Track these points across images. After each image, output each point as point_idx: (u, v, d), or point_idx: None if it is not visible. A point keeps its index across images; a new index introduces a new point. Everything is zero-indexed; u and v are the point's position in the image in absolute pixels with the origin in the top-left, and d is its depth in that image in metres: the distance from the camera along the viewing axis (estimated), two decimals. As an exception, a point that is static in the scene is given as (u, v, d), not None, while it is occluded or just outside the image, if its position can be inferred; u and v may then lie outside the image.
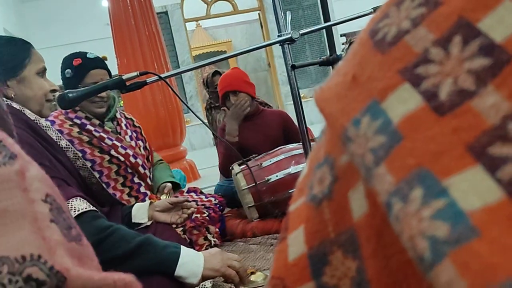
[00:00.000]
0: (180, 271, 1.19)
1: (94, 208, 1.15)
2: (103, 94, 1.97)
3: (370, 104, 0.28)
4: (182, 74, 8.66)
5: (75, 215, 1.11)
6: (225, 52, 10.51)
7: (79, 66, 1.93)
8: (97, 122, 2.00)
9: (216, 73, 3.47)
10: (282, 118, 2.75)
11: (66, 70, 1.93)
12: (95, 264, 0.41)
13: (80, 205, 1.13)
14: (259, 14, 9.55)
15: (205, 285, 1.68)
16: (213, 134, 1.80)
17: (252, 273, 1.74)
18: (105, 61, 2.06)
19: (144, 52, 4.29)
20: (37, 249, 0.34)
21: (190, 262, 1.22)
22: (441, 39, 0.26)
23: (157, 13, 4.63)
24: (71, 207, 1.11)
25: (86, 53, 1.99)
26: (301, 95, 1.69)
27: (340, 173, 0.32)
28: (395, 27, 0.29)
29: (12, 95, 1.28)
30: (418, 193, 0.23)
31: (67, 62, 1.96)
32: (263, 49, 9.94)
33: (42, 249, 0.34)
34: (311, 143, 1.70)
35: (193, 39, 10.43)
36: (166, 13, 8.75)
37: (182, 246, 1.24)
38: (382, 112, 0.27)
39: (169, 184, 2.14)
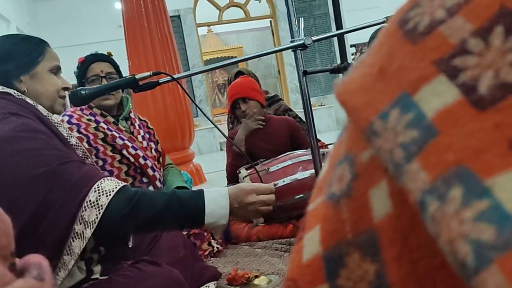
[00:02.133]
0: (208, 219, 1.18)
1: (120, 185, 1.15)
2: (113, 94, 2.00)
3: (400, 96, 0.26)
4: (192, 79, 8.69)
5: (110, 199, 1.10)
6: (235, 58, 10.54)
7: (82, 63, 2.01)
8: (112, 120, 2.01)
9: (240, 73, 3.42)
10: (289, 125, 2.75)
11: (74, 71, 2.03)
12: None
13: (109, 185, 1.13)
14: (270, 21, 9.58)
15: (208, 286, 1.68)
16: (226, 137, 1.80)
17: (256, 276, 1.73)
18: (111, 57, 2.10)
19: (156, 55, 4.31)
20: None
21: (216, 207, 1.19)
22: (481, 30, 0.24)
23: (170, 17, 4.66)
24: (101, 191, 1.11)
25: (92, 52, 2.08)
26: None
27: (360, 170, 0.30)
28: (428, 17, 0.27)
29: (25, 90, 1.29)
30: (457, 192, 0.21)
31: (78, 63, 2.04)
32: (274, 56, 9.97)
33: None
34: (320, 150, 1.69)
35: (204, 44, 10.47)
36: (178, 17, 8.79)
37: (205, 192, 1.21)
38: (414, 105, 0.25)
39: None
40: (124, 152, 1.97)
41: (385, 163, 0.27)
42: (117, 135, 1.98)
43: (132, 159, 1.98)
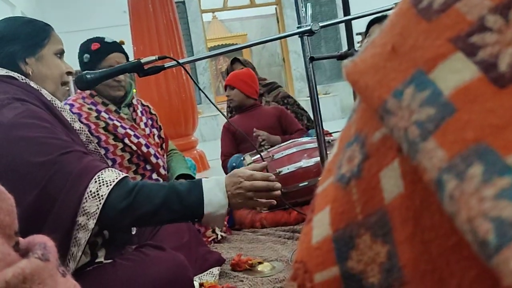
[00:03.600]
0: (208, 209, 1.17)
1: (120, 176, 1.14)
2: (121, 77, 1.95)
3: (415, 74, 0.26)
4: (197, 66, 8.66)
5: (110, 189, 1.10)
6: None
7: (97, 50, 1.93)
8: (114, 108, 1.99)
9: (236, 60, 3.44)
10: (277, 110, 3.01)
11: (84, 55, 1.93)
12: None
13: (109, 176, 1.13)
14: (276, 8, 9.50)
15: (212, 271, 1.69)
16: (230, 123, 1.80)
17: (260, 263, 1.74)
18: (123, 46, 2.05)
19: (161, 40, 4.29)
20: None
21: (214, 198, 1.18)
22: (500, 6, 0.24)
23: (175, 2, 4.62)
24: (102, 182, 1.11)
25: (104, 38, 1.99)
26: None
27: (371, 150, 0.30)
28: None
29: (30, 72, 1.29)
30: (477, 170, 0.21)
31: (85, 47, 1.95)
32: (278, 44, 9.91)
33: None
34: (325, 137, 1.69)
35: (208, 31, 10.42)
36: (183, 2, 8.73)
37: (203, 183, 1.19)
38: (430, 82, 0.25)
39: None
40: (126, 140, 1.96)
41: (399, 142, 0.26)
42: (118, 124, 1.96)
43: (134, 148, 1.97)
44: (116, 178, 1.13)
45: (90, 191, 1.09)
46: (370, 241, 0.29)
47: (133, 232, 1.37)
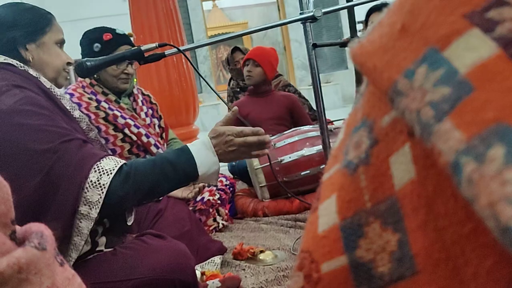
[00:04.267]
0: (201, 170, 1.21)
1: (119, 163, 1.14)
2: (130, 70, 1.95)
3: (427, 52, 0.24)
4: (197, 55, 8.63)
5: (111, 178, 1.10)
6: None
7: (109, 41, 1.91)
8: (114, 98, 1.97)
9: (236, 49, 3.42)
10: (290, 100, 2.85)
11: (95, 44, 1.90)
12: None
13: (108, 164, 1.12)
14: (277, -4, 9.45)
15: (214, 260, 1.68)
16: (229, 109, 1.78)
17: (262, 252, 1.74)
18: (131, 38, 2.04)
19: (161, 29, 4.25)
20: None
21: (205, 157, 1.22)
22: None
23: (175, -10, 4.59)
24: (101, 171, 1.10)
25: (115, 29, 1.97)
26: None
27: (380, 135, 0.28)
28: None
29: (30, 59, 1.27)
30: (498, 151, 0.20)
31: (95, 36, 1.93)
32: (279, 32, 9.85)
33: None
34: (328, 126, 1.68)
35: (209, 19, 10.36)
36: (183, -9, 8.68)
37: (189, 146, 1.23)
38: (444, 60, 0.23)
39: None
40: (126, 131, 1.95)
41: (411, 125, 0.25)
42: (118, 114, 1.95)
43: (134, 138, 1.96)
44: (116, 166, 1.13)
45: (91, 181, 1.09)
46: (379, 229, 0.28)
47: (129, 223, 1.37)
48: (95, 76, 1.96)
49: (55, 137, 1.10)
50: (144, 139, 1.99)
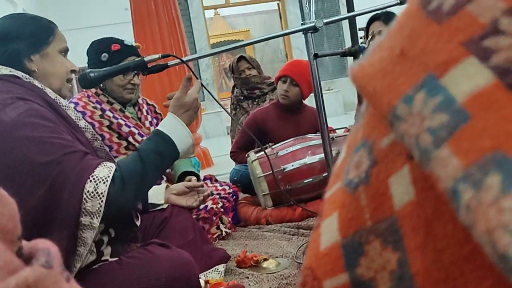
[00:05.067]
0: (181, 146, 1.30)
1: (112, 169, 1.16)
2: (136, 81, 1.96)
3: (425, 79, 0.25)
4: (199, 63, 8.66)
5: (108, 186, 1.12)
6: (242, 41, 10.46)
7: (117, 51, 1.92)
8: (119, 107, 1.99)
9: (242, 58, 3.42)
10: (317, 117, 2.71)
11: (103, 54, 1.92)
12: (0, 264, 0.35)
13: (102, 172, 1.14)
14: (278, 4, 9.48)
15: (218, 268, 1.69)
16: (235, 121, 1.81)
17: (265, 259, 1.74)
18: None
19: (163, 38, 4.28)
20: None
21: (180, 133, 1.32)
22: None
23: (177, -1, 4.62)
24: (97, 179, 1.12)
25: (123, 40, 1.99)
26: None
27: (380, 156, 0.29)
28: None
29: (36, 69, 1.29)
30: (495, 179, 0.20)
31: (103, 46, 1.94)
32: (281, 40, 9.89)
33: None
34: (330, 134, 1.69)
35: (211, 27, 10.41)
36: (185, -1, 8.73)
37: (161, 128, 1.32)
38: (442, 88, 0.24)
39: (194, 178, 2.13)
40: (130, 139, 1.97)
41: (410, 149, 0.26)
42: (122, 122, 1.96)
43: (138, 146, 1.98)
44: (110, 173, 1.15)
45: (88, 191, 1.10)
46: (380, 248, 0.28)
47: (138, 223, 1.38)
48: (101, 85, 1.97)
49: (58, 148, 1.11)
50: (148, 148, 2.00)
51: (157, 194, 1.73)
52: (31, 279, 0.35)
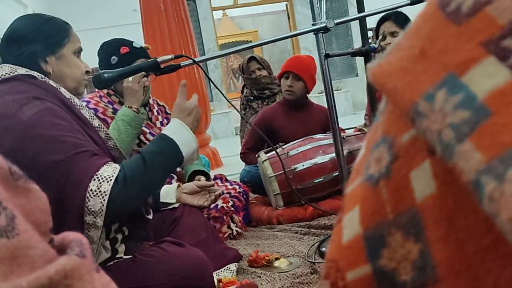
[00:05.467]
0: (184, 150, 1.31)
1: (117, 169, 1.17)
2: (147, 83, 1.98)
3: (446, 77, 0.26)
4: (208, 63, 8.68)
5: (111, 185, 1.13)
6: (250, 42, 10.47)
7: (126, 54, 1.95)
8: None
9: (252, 58, 3.43)
10: (326, 115, 2.66)
11: (112, 57, 1.95)
12: (38, 252, 0.36)
13: (106, 171, 1.15)
14: (286, 5, 9.48)
15: (230, 267, 1.70)
16: (246, 121, 1.82)
17: (277, 259, 1.75)
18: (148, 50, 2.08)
19: (173, 39, 4.30)
20: None
21: (184, 137, 1.33)
22: None
23: (186, 0, 4.64)
24: (101, 179, 1.13)
25: (132, 42, 2.00)
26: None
27: (400, 152, 0.30)
28: None
29: (51, 71, 1.31)
30: None
31: (112, 48, 1.97)
32: (289, 40, 9.88)
33: None
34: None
35: (219, 28, 10.43)
36: (194, 0, 8.75)
37: (165, 133, 1.32)
38: (463, 86, 0.25)
39: (203, 177, 2.15)
40: (141, 137, 1.99)
41: (432, 144, 0.27)
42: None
43: (141, 149, 2.00)
44: (114, 173, 1.16)
45: (91, 190, 1.11)
46: (401, 240, 0.29)
47: (150, 217, 1.40)
48: (112, 87, 1.99)
49: (70, 147, 1.13)
50: (159, 146, 2.02)
51: (168, 193, 1.75)
52: (68, 267, 0.36)
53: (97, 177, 1.13)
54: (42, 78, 1.26)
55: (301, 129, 2.62)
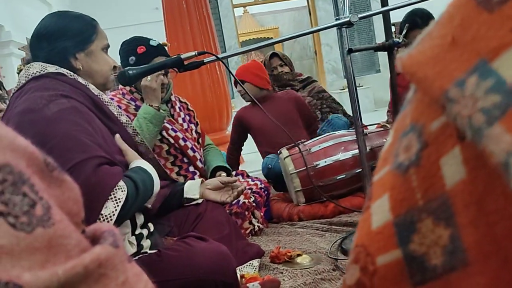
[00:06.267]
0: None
1: (125, 186, 1.18)
2: (165, 80, 2.00)
3: (478, 64, 0.27)
4: (229, 60, 8.70)
5: (121, 206, 1.15)
6: (271, 39, 10.45)
7: (143, 54, 1.98)
8: None
9: (274, 55, 3.44)
10: (294, 98, 2.94)
11: (130, 57, 1.98)
12: (73, 242, 0.36)
13: (119, 195, 1.16)
14: (307, 1, 9.44)
15: (252, 263, 1.71)
16: (269, 117, 1.83)
17: (299, 255, 1.76)
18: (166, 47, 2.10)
19: (195, 36, 4.32)
20: None
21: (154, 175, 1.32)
22: None
23: (207, -2, 4.66)
24: (117, 199, 1.15)
25: (149, 40, 2.03)
26: (346, 85, 1.67)
27: (430, 139, 0.31)
28: None
29: (81, 67, 1.33)
30: None
31: (130, 48, 2.00)
32: (310, 36, 9.84)
33: None
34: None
35: (240, 25, 10.45)
36: (215, -2, 8.79)
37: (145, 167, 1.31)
38: (493, 71, 0.26)
39: (225, 173, 2.16)
40: (164, 133, 2.01)
41: (462, 129, 0.27)
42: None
43: (172, 140, 2.02)
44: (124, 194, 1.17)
45: (103, 214, 1.13)
46: (432, 225, 0.30)
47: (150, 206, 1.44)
48: (133, 85, 2.02)
49: (90, 150, 1.15)
50: (181, 142, 2.05)
51: (192, 189, 1.76)
52: (102, 256, 0.37)
53: (111, 198, 1.14)
54: (71, 75, 1.29)
55: (272, 114, 2.74)
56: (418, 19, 2.47)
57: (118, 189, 1.15)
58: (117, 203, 1.14)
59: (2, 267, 0.29)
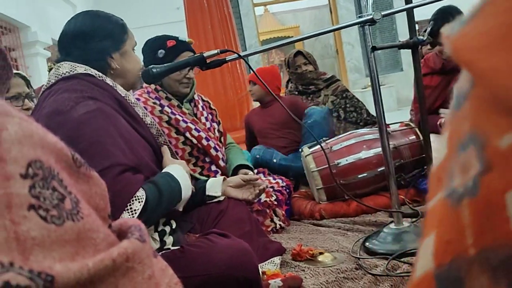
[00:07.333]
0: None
1: (144, 196, 1.20)
2: (191, 75, 2.03)
3: None
4: (249, 59, 8.71)
5: (140, 211, 1.17)
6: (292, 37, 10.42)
7: (173, 47, 2.00)
8: (176, 103, 2.06)
9: (299, 53, 3.43)
10: (290, 102, 2.99)
11: (159, 50, 2.00)
12: (101, 236, 0.37)
13: (135, 205, 1.18)
14: (329, -1, 9.40)
15: (273, 260, 1.71)
16: (291, 115, 1.83)
17: (321, 253, 1.75)
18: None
19: (216, 35, 4.34)
20: (7, 255, 0.29)
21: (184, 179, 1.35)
22: None
23: (228, -3, 4.67)
24: (133, 211, 1.17)
25: (178, 37, 2.07)
26: (368, 84, 1.65)
27: (495, 160, 0.22)
28: None
29: (116, 66, 1.35)
30: None
31: (159, 43, 2.03)
32: (331, 35, 9.78)
33: (14, 254, 0.29)
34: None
35: (260, 24, 10.44)
36: (236, -3, 8.81)
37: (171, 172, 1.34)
38: None
39: (247, 170, 2.17)
40: (187, 134, 2.02)
41: None
42: (180, 118, 2.03)
43: (195, 141, 2.03)
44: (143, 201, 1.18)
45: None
46: (488, 285, 0.22)
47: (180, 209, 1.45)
48: (159, 82, 2.05)
49: (112, 156, 1.16)
50: (204, 142, 2.06)
51: (214, 187, 1.77)
52: (130, 250, 0.37)
53: (129, 208, 1.16)
54: (99, 76, 1.30)
55: (268, 121, 3.06)
56: (450, 17, 2.43)
57: (136, 200, 1.17)
58: (132, 214, 1.15)
59: (34, 258, 0.30)
